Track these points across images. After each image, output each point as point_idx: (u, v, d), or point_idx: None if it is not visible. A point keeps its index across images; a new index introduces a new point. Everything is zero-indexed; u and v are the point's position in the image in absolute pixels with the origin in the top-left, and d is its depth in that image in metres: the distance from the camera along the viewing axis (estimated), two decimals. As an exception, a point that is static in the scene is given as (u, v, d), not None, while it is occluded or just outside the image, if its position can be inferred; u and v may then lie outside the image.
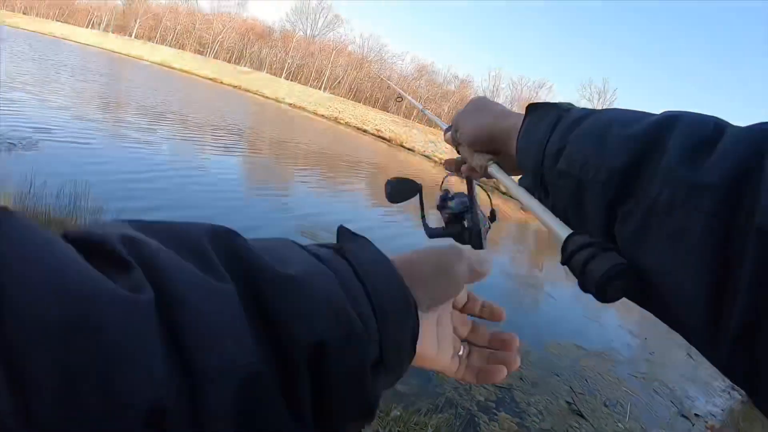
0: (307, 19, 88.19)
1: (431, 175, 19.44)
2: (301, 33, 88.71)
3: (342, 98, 62.48)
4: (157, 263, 0.29)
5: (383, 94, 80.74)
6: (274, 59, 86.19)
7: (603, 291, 0.46)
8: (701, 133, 0.45)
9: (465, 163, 0.86)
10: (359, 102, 70.59)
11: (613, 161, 0.50)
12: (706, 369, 8.97)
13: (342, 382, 0.37)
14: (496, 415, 4.49)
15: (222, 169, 10.83)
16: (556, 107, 0.65)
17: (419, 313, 0.46)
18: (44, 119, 10.10)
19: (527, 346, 6.27)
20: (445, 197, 1.01)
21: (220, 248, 0.35)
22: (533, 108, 0.68)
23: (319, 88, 74.07)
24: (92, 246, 0.28)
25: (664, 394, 6.72)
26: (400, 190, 1.00)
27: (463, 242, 0.96)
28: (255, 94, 40.18)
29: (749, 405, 7.29)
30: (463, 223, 0.95)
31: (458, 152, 0.88)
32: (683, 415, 6.27)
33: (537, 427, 4.57)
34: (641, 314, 11.48)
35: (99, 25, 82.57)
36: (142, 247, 0.30)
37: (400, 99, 1.41)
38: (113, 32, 75.36)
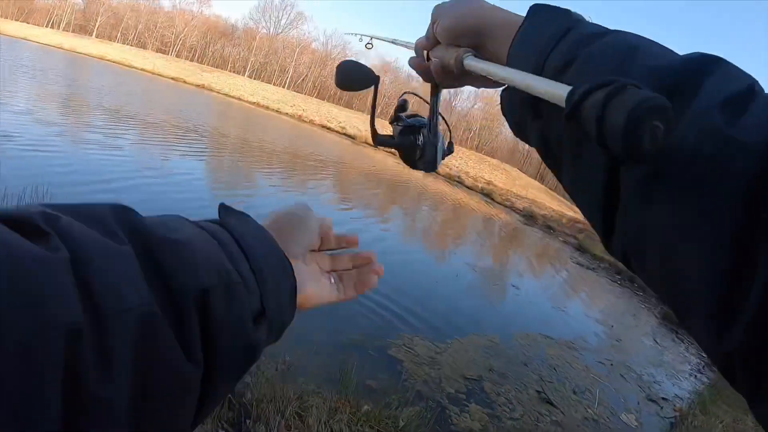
0: (270, 17, 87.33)
1: (395, 171, 19.50)
2: (265, 31, 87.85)
3: (306, 96, 62.20)
4: (70, 232, 0.35)
5: (347, 93, 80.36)
6: (237, 57, 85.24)
7: (636, 133, 0.33)
8: (738, 87, 0.40)
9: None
10: (324, 100, 70.29)
11: None
12: (672, 354, 9.19)
13: (225, 325, 0.42)
14: (467, 406, 4.50)
15: (186, 170, 10.60)
16: (566, 15, 0.55)
17: (296, 263, 0.56)
18: (3, 124, 9.83)
19: (495, 338, 6.32)
20: (403, 106, 0.86)
21: (119, 221, 0.41)
22: (536, 10, 0.57)
23: (283, 86, 73.62)
24: (18, 222, 0.34)
25: (631, 379, 6.85)
26: (354, 77, 0.80)
27: (413, 160, 0.83)
28: (218, 93, 39.70)
29: (715, 388, 7.48)
30: (417, 137, 0.82)
31: (428, 58, 0.73)
32: (651, 399, 6.40)
33: (507, 416, 4.59)
34: (607, 302, 11.72)
35: (59, 24, 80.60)
36: (59, 221, 0.36)
37: (371, 45, 1.31)
38: (74, 31, 73.70)
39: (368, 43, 1.32)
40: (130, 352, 0.34)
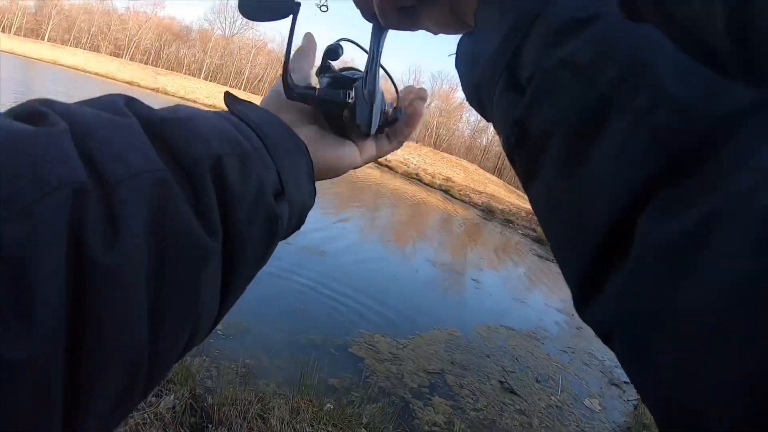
0: (225, 18, 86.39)
1: (362, 176, 19.31)
2: (220, 32, 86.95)
3: (263, 97, 61.50)
4: (69, 110, 0.34)
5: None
6: (193, 59, 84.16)
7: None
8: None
9: None
10: (281, 101, 69.89)
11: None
12: (631, 339, 9.38)
13: (244, 194, 0.39)
14: (430, 399, 4.51)
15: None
16: None
17: (308, 133, 0.54)
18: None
19: (456, 332, 6.36)
20: (335, 52, 0.65)
21: (124, 103, 0.38)
22: None
23: (240, 88, 72.92)
24: (17, 112, 0.33)
25: (593, 365, 6.96)
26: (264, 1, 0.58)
27: (339, 123, 0.61)
28: (174, 96, 39.07)
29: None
30: (348, 92, 0.59)
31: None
32: (613, 384, 6.50)
33: (471, 407, 4.62)
34: (566, 292, 11.86)
35: (10, 28, 78.28)
36: (56, 103, 0.34)
37: (326, 8, 1.13)
38: (25, 35, 71.70)
39: (323, 5, 1.07)
40: (141, 219, 0.32)
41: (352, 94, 0.59)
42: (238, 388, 3.42)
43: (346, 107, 0.59)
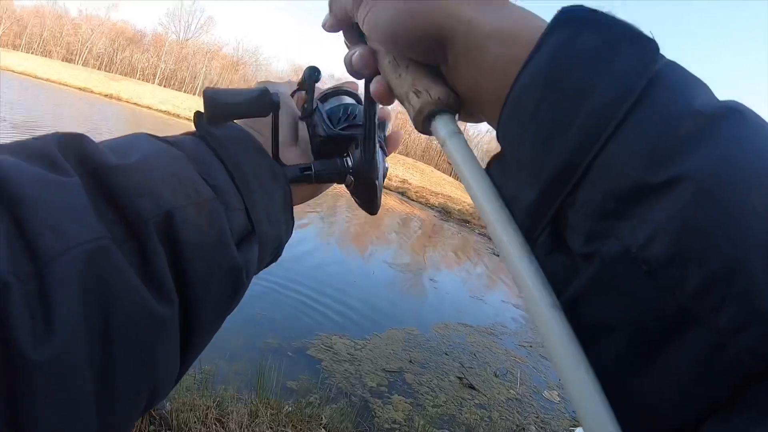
0: (180, 22, 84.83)
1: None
2: (174, 36, 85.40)
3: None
4: (2, 167, 0.30)
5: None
6: (147, 64, 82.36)
7: None
8: None
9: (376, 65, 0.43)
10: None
11: None
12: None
13: (200, 250, 0.36)
14: (390, 398, 4.54)
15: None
16: (645, 44, 0.27)
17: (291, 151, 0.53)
18: None
19: (414, 330, 6.40)
20: (315, 80, 0.57)
21: (69, 151, 0.35)
22: (577, 16, 0.28)
23: (194, 94, 71.84)
24: None
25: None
26: (233, 106, 0.48)
27: (353, 191, 0.59)
28: (127, 102, 38.25)
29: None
30: (345, 161, 0.55)
31: (348, 40, 0.47)
32: (571, 375, 6.68)
33: (431, 403, 4.66)
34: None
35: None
36: None
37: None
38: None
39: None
40: (76, 299, 0.29)
41: (350, 161, 0.56)
42: (196, 393, 3.40)
43: (347, 173, 0.56)
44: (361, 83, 0.48)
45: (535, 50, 0.28)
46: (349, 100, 0.60)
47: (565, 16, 0.28)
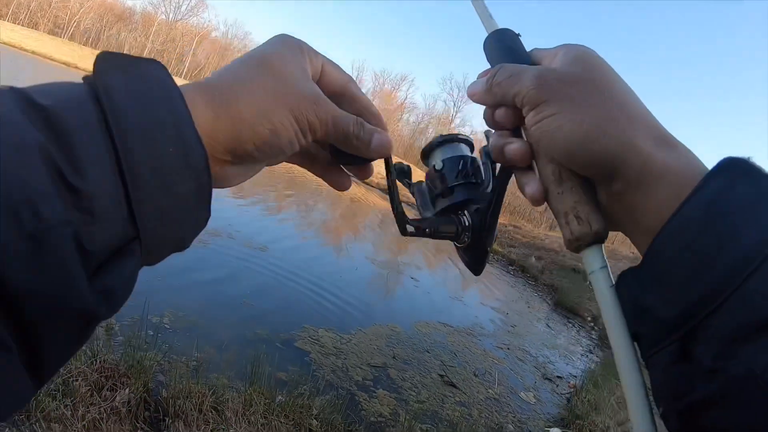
0: (170, 2, 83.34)
1: (289, 167, 18.96)
2: (164, 16, 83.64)
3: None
4: None
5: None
6: (134, 43, 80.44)
7: None
8: None
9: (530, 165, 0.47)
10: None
11: None
12: (564, 337, 9.85)
13: (31, 298, 0.28)
14: (375, 392, 4.67)
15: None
16: None
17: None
18: None
19: (397, 327, 6.53)
20: (460, 161, 0.57)
21: None
22: (729, 164, 0.37)
23: (180, 76, 70.82)
24: None
25: (528, 360, 7.30)
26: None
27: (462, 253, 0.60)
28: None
29: (606, 365, 8.17)
30: (461, 220, 0.57)
31: (495, 124, 0.49)
32: (547, 378, 6.86)
33: (414, 399, 4.80)
34: (502, 291, 12.25)
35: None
36: None
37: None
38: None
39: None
40: None
41: (466, 221, 0.57)
42: (191, 381, 3.45)
43: (465, 233, 0.57)
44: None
45: (696, 189, 0.36)
46: (466, 150, 0.59)
47: (725, 164, 0.36)
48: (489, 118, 0.49)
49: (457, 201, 0.56)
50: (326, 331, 5.57)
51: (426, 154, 0.60)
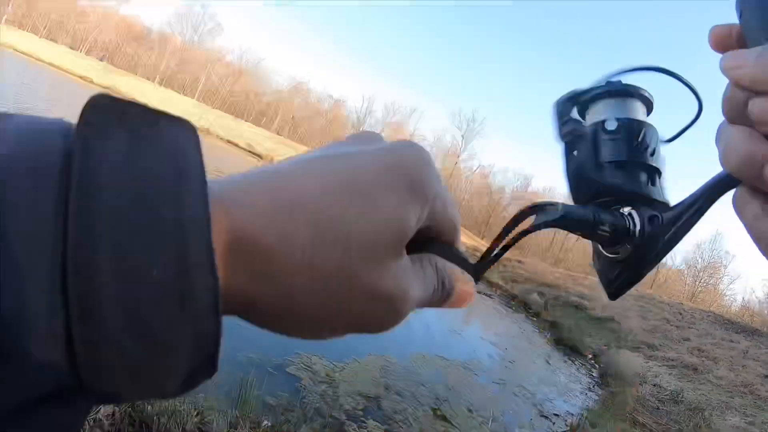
0: (188, 24, 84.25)
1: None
2: (180, 38, 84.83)
3: (216, 110, 60.57)
4: None
5: (255, 109, 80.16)
6: (149, 62, 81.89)
7: None
8: None
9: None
10: (233, 114, 68.79)
11: None
12: (564, 375, 9.71)
13: None
14: (365, 422, 4.59)
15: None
16: None
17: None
18: None
19: (392, 359, 6.45)
20: (642, 131, 0.40)
21: None
22: None
23: (194, 97, 71.59)
24: None
25: (525, 397, 7.19)
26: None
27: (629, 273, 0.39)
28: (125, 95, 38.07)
29: (604, 404, 8.05)
30: (631, 214, 0.38)
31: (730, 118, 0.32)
32: (544, 416, 6.75)
33: (404, 432, 4.73)
34: (501, 326, 12.18)
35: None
36: None
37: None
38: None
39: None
40: None
41: (633, 224, 0.38)
42: (177, 400, 3.42)
43: (621, 240, 0.38)
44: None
45: None
46: (645, 117, 0.42)
47: None
48: (741, 108, 0.31)
49: (627, 189, 0.39)
50: (320, 359, 5.50)
51: (587, 100, 0.43)
